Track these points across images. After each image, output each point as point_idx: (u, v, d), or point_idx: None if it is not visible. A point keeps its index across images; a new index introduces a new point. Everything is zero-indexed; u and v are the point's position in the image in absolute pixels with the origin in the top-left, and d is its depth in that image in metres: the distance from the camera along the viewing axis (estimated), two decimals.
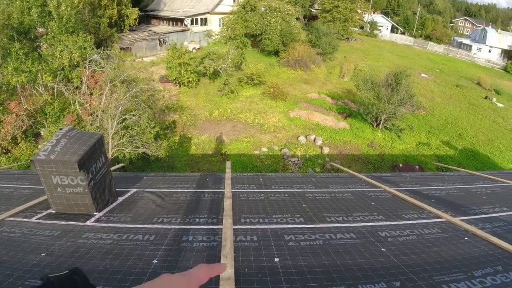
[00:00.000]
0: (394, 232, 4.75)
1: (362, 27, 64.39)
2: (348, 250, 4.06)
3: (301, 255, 3.84)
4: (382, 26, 69.13)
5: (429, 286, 3.20)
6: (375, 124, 23.99)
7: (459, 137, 25.42)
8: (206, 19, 42.26)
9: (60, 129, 4.93)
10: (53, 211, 4.98)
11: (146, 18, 46.31)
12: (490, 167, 21.62)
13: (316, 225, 4.87)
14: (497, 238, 4.35)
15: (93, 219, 4.69)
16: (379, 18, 71.83)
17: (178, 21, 41.81)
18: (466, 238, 4.51)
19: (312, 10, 65.91)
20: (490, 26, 76.43)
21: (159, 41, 35.71)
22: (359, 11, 51.02)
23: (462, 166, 20.04)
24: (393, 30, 74.80)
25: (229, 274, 3.14)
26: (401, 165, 20.12)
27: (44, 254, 3.70)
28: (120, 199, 5.54)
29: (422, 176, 9.53)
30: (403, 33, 74.61)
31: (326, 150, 21.02)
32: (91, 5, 30.63)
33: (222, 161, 18.48)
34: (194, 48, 35.84)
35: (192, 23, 40.75)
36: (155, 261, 3.49)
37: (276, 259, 3.67)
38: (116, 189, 5.65)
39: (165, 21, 44.41)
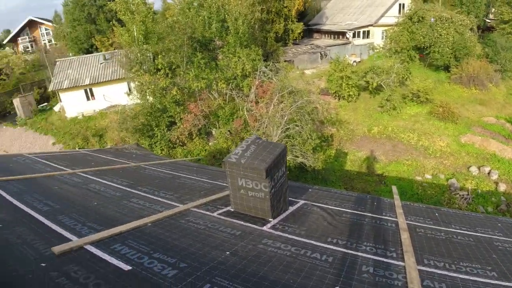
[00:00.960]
0: None
1: None
2: None
3: None
4: None
5: None
6: None
7: None
8: (368, 31, 41.20)
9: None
10: (232, 209, 5.32)
11: (309, 32, 47.95)
12: None
13: None
14: None
15: (269, 225, 4.81)
16: None
17: (340, 34, 41.92)
18: None
19: (487, 20, 57.05)
20: None
21: (321, 54, 36.39)
22: None
23: None
24: None
25: None
26: None
27: (228, 253, 3.88)
28: (291, 208, 5.59)
29: None
30: None
31: (502, 187, 17.68)
32: (261, 20, 33.30)
33: (378, 182, 17.46)
34: (354, 61, 35.25)
35: (353, 36, 40.28)
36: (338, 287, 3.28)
37: None
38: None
39: (326, 35, 45.15)
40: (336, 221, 5.27)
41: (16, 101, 28.94)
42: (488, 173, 18.77)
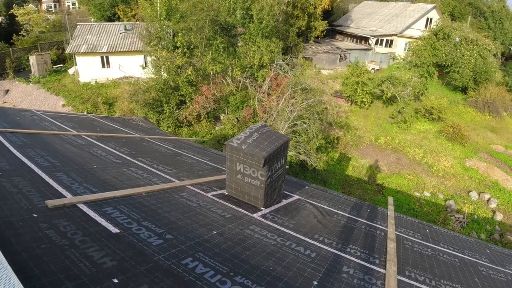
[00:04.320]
0: None
1: None
2: None
3: None
4: None
5: None
6: None
7: None
8: (391, 41, 40.93)
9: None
10: (226, 193, 5.39)
11: (332, 32, 47.67)
12: None
13: None
14: None
15: (260, 213, 4.88)
16: None
17: (363, 39, 41.73)
18: None
19: None
20: None
21: (340, 56, 36.18)
22: None
23: None
24: None
25: None
26: None
27: (215, 232, 3.95)
28: (284, 201, 5.64)
29: None
30: None
31: (499, 217, 17.58)
32: (286, 14, 33.04)
33: (376, 192, 17.48)
34: (373, 68, 35.03)
35: (376, 43, 40.05)
36: (315, 282, 3.33)
37: None
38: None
39: (349, 38, 44.93)
40: (326, 220, 5.32)
41: (32, 59, 28.99)
42: (487, 201, 18.65)
